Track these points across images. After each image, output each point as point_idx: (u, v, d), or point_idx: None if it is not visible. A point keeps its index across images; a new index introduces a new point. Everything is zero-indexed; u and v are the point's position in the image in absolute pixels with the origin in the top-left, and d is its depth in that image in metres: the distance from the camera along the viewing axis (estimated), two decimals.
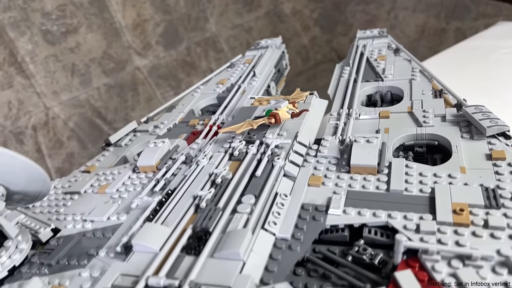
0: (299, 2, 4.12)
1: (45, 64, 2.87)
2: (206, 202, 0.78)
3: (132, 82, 3.29)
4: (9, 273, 0.78)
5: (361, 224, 0.72)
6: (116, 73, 3.21)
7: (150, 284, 0.63)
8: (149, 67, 3.38)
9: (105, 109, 3.12)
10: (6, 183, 0.82)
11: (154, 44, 3.39)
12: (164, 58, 3.45)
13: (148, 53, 3.36)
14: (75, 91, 3.01)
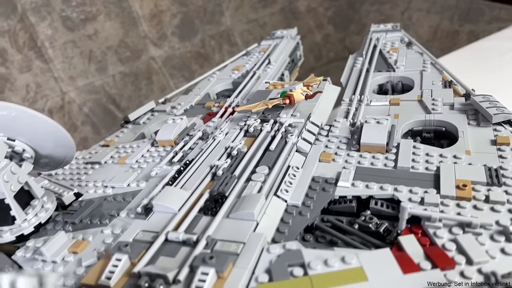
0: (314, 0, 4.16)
1: (64, 50, 2.93)
2: (222, 170, 0.83)
3: (146, 71, 3.35)
4: (35, 229, 0.84)
5: (368, 196, 0.77)
6: (131, 62, 3.27)
7: (170, 238, 0.68)
8: (164, 58, 3.44)
9: (120, 96, 3.19)
10: (35, 146, 0.87)
11: (169, 35, 3.45)
12: (179, 49, 3.51)
13: (164, 43, 3.42)
14: (91, 77, 3.08)
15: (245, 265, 0.61)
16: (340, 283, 0.56)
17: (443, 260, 0.59)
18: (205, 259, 0.60)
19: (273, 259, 0.62)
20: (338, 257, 0.60)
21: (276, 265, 0.61)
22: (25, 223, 0.83)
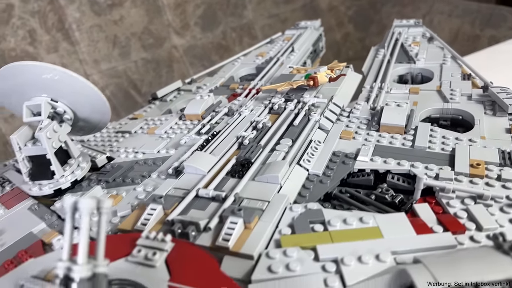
0: None
1: (90, 33, 3.02)
2: (248, 140, 0.88)
3: (168, 59, 3.42)
4: (71, 185, 0.90)
5: (385, 171, 0.81)
6: (154, 49, 3.34)
7: (200, 194, 0.73)
8: (186, 47, 3.50)
9: (141, 81, 3.26)
10: (75, 108, 0.94)
11: (192, 25, 3.51)
12: (201, 40, 3.57)
13: (186, 33, 3.48)
14: (114, 62, 3.16)
15: (269, 219, 0.66)
16: (357, 239, 0.61)
17: (454, 225, 0.63)
18: (234, 211, 0.65)
19: (295, 216, 0.67)
20: (356, 217, 0.65)
21: (298, 221, 0.66)
22: (62, 178, 0.89)
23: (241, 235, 0.63)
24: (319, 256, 0.58)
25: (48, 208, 0.85)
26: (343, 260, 0.57)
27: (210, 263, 0.55)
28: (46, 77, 0.89)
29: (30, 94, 0.91)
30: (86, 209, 0.45)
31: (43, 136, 0.85)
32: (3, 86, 0.94)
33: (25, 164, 0.88)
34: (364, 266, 0.56)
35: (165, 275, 0.54)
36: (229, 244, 0.61)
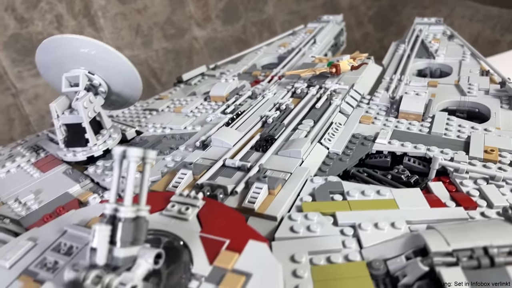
0: None
1: (114, 21, 3.09)
2: (272, 119, 0.93)
3: (188, 50, 3.48)
4: (103, 153, 0.95)
5: (402, 153, 0.85)
6: (175, 39, 3.40)
7: (227, 164, 0.78)
8: (206, 39, 3.56)
9: (161, 70, 3.32)
10: (109, 82, 0.99)
11: (213, 18, 3.56)
12: (221, 33, 3.62)
13: (207, 25, 3.54)
14: (136, 50, 3.22)
15: (292, 188, 0.70)
16: (374, 208, 0.65)
17: (466, 201, 0.67)
18: (259, 178, 0.70)
19: (316, 186, 0.72)
20: (373, 190, 0.69)
21: (319, 190, 0.70)
22: (95, 147, 0.95)
23: (265, 200, 0.68)
24: (338, 221, 0.63)
25: (82, 173, 0.91)
26: (361, 225, 0.61)
27: (238, 218, 0.60)
28: (83, 51, 0.95)
29: (69, 66, 0.96)
30: (133, 157, 0.50)
31: (80, 105, 0.91)
32: (45, 58, 1.00)
33: (62, 132, 0.94)
34: (380, 231, 0.61)
35: (197, 227, 0.59)
36: (254, 206, 0.66)
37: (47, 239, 0.61)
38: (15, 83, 2.86)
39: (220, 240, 0.56)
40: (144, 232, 0.51)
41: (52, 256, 0.58)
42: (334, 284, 0.53)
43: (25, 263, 0.58)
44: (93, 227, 0.49)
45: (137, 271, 0.48)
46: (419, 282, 0.51)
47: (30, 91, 2.96)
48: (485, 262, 0.50)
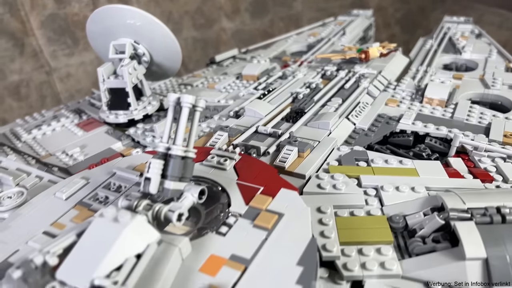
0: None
1: (147, 7, 3.17)
2: (302, 95, 0.98)
3: (216, 40, 3.55)
4: (143, 118, 1.02)
5: (424, 134, 0.90)
6: (204, 29, 3.48)
7: (259, 130, 0.84)
8: (234, 31, 3.63)
9: (188, 58, 3.40)
10: (151, 52, 1.06)
11: (242, 10, 3.63)
12: (249, 25, 3.68)
13: (236, 17, 3.61)
14: None
15: (319, 153, 0.76)
16: (396, 174, 0.70)
17: (483, 175, 0.72)
18: (290, 141, 0.76)
19: (342, 154, 0.77)
20: (396, 159, 0.74)
21: (345, 157, 0.76)
22: (136, 111, 1.02)
23: (295, 161, 0.74)
24: (362, 183, 0.68)
25: (123, 133, 0.98)
26: (383, 187, 0.67)
27: (271, 170, 0.66)
28: (130, 22, 1.02)
29: (116, 36, 1.04)
30: (186, 103, 0.57)
31: (125, 71, 0.98)
32: (94, 28, 1.07)
33: (106, 95, 1.02)
34: (400, 193, 0.66)
35: (234, 176, 0.65)
36: (285, 164, 0.72)
37: (98, 179, 0.68)
38: (50, 61, 2.97)
39: (255, 187, 0.62)
40: (190, 171, 0.58)
41: (103, 192, 0.65)
42: (356, 233, 0.59)
43: (79, 197, 0.65)
44: (148, 161, 0.55)
45: (184, 202, 0.55)
46: (435, 234, 0.57)
47: (62, 70, 3.07)
48: (497, 219, 0.55)
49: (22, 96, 2.97)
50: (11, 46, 2.82)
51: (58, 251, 0.49)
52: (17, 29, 2.80)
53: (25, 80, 2.94)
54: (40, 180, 0.77)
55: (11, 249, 0.56)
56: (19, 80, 2.93)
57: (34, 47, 2.91)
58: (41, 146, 0.97)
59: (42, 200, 0.65)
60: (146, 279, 0.45)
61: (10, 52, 2.81)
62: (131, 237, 0.48)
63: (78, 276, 0.45)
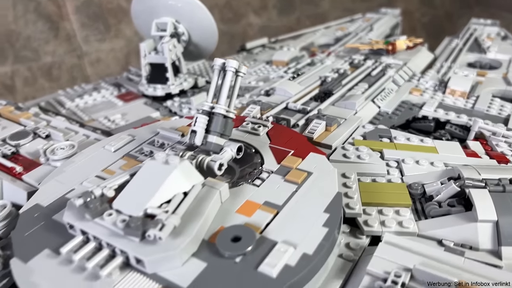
0: (413, 3, 4.22)
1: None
2: (330, 79, 1.04)
3: (242, 34, 3.62)
4: (179, 92, 1.09)
5: (445, 121, 0.94)
6: (231, 24, 3.55)
7: (289, 107, 0.90)
8: (260, 26, 3.69)
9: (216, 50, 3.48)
10: (190, 32, 1.13)
11: (270, 7, 3.69)
12: (275, 22, 3.74)
13: (263, 14, 3.67)
14: None
15: (345, 128, 0.82)
16: (417, 150, 0.75)
17: (500, 157, 0.76)
18: (319, 116, 0.81)
19: (366, 131, 0.82)
20: (417, 138, 0.79)
21: (369, 133, 0.81)
22: (173, 86, 1.09)
23: (322, 133, 0.80)
24: (384, 156, 0.74)
25: (161, 104, 1.05)
26: (404, 160, 0.72)
27: (300, 137, 0.72)
28: (171, 3, 1.09)
29: (158, 15, 1.11)
30: (231, 67, 0.63)
31: (165, 48, 1.05)
32: (138, 7, 1.15)
33: (146, 69, 1.09)
34: (420, 166, 0.71)
35: (267, 140, 0.71)
36: (313, 135, 0.77)
37: (143, 136, 0.75)
38: (82, 45, 3.08)
39: (286, 150, 0.68)
40: (230, 129, 0.64)
41: (148, 148, 0.72)
42: (377, 196, 0.64)
43: (126, 150, 0.72)
44: (194, 116, 0.62)
45: (224, 155, 0.61)
46: (450, 199, 0.62)
47: (93, 55, 3.17)
48: (510, 188, 0.60)
49: (54, 77, 3.08)
50: (47, 29, 2.94)
51: (113, 186, 0.56)
52: (53, 12, 2.92)
53: (57, 62, 3.06)
54: (87, 138, 0.84)
55: (67, 188, 0.63)
56: (52, 62, 3.04)
57: (68, 31, 3.02)
58: (84, 112, 1.05)
59: (92, 151, 0.72)
60: (191, 214, 0.52)
61: (46, 35, 2.93)
62: (179, 177, 0.54)
63: (133, 206, 0.51)
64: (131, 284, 0.46)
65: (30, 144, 0.82)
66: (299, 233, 0.50)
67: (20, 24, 2.86)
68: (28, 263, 0.50)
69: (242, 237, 0.49)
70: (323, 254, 0.49)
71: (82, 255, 0.48)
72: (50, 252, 0.51)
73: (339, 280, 0.53)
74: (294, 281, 0.45)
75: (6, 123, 0.90)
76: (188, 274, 0.46)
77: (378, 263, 0.51)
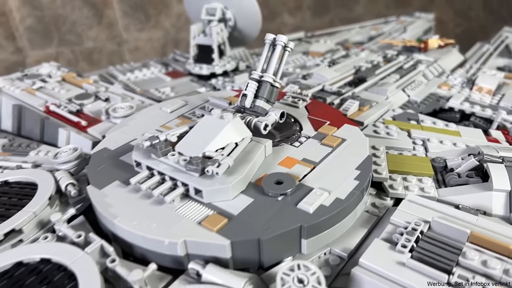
0: (447, 13, 4.23)
1: None
2: (365, 68, 1.11)
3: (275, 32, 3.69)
4: (222, 73, 1.19)
5: (471, 113, 1.00)
6: (266, 21, 3.63)
7: (325, 89, 0.98)
8: (293, 26, 3.77)
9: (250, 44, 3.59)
10: (237, 18, 1.22)
11: (304, 8, 3.77)
12: (308, 23, 3.82)
13: (297, 14, 3.75)
14: None
15: (377, 110, 0.89)
16: (441, 133, 0.82)
17: None
18: (353, 97, 0.89)
19: (396, 114, 0.90)
20: (443, 123, 0.86)
21: (398, 116, 0.88)
22: (217, 66, 1.18)
23: (355, 112, 0.87)
24: (411, 135, 0.81)
25: (206, 82, 1.14)
26: (429, 139, 0.79)
27: (336, 111, 0.80)
28: None
29: (209, 0, 1.20)
30: (280, 41, 0.71)
31: (213, 31, 1.15)
32: None
33: (194, 50, 1.19)
34: (443, 146, 0.78)
35: (305, 112, 0.79)
36: (347, 113, 0.85)
37: (194, 102, 0.84)
38: (122, 33, 3.22)
39: (322, 121, 0.76)
40: (275, 97, 0.73)
41: (199, 111, 0.81)
42: (403, 165, 0.71)
43: (180, 112, 0.81)
44: (246, 82, 0.71)
45: (269, 118, 0.70)
46: (469, 172, 0.69)
47: (132, 43, 3.31)
48: None
49: (94, 61, 3.23)
50: (92, 15, 3.09)
51: (175, 134, 0.65)
52: (99, 0, 3.07)
53: (98, 48, 3.21)
54: (142, 103, 0.94)
55: (130, 137, 0.72)
56: (93, 47, 3.19)
57: (110, 18, 3.17)
58: (136, 85, 1.15)
59: (150, 111, 0.82)
60: (241, 161, 0.60)
61: (90, 21, 3.08)
62: (232, 129, 0.63)
63: (193, 149, 0.60)
64: (189, 210, 0.55)
65: (92, 105, 0.93)
66: (333, 183, 0.58)
67: (67, 9, 3.02)
68: (102, 189, 0.59)
69: (284, 181, 0.58)
70: (353, 201, 0.57)
71: (149, 185, 0.57)
72: (120, 183, 0.60)
73: (365, 228, 0.61)
74: (327, 218, 0.53)
75: (70, 87, 1.01)
76: (238, 205, 0.55)
77: (401, 215, 0.58)
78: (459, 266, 0.50)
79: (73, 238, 0.54)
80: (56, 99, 0.94)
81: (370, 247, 0.53)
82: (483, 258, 0.50)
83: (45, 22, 3.05)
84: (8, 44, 3.00)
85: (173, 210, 0.55)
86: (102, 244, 0.52)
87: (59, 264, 0.50)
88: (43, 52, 3.06)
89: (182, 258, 0.51)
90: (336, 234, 0.57)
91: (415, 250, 0.52)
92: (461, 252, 0.51)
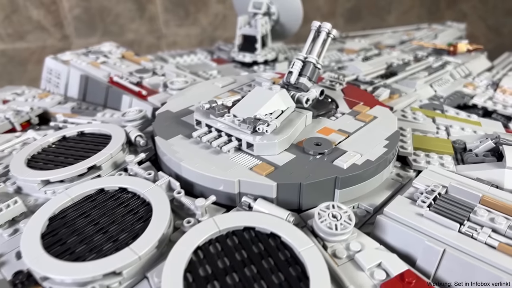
0: (480, 28, 4.25)
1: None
2: (396, 64, 1.20)
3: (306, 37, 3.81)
4: (263, 62, 1.29)
5: (493, 110, 1.08)
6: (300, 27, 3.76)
7: (359, 78, 1.07)
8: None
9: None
10: (280, 13, 1.33)
11: (338, 15, 3.86)
12: (341, 30, 3.90)
13: (330, 20, 3.82)
14: None
15: (405, 99, 0.98)
16: (463, 122, 0.91)
17: None
18: (384, 86, 0.98)
19: (422, 103, 0.99)
20: (465, 114, 0.95)
21: (425, 105, 0.97)
22: (259, 56, 1.29)
23: (386, 99, 0.97)
24: (436, 121, 0.90)
25: (248, 68, 1.25)
26: (452, 126, 0.88)
27: (369, 95, 0.89)
28: None
29: None
30: (325, 28, 0.81)
31: (258, 23, 1.26)
32: None
33: (239, 39, 1.30)
34: (464, 132, 0.87)
35: (341, 94, 0.89)
36: (378, 99, 0.94)
37: (242, 81, 0.95)
38: (162, 28, 3.37)
39: (356, 101, 0.86)
40: (317, 76, 0.82)
41: (247, 88, 0.91)
42: (426, 144, 0.80)
43: (230, 87, 0.92)
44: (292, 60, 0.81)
45: (310, 93, 0.80)
46: (486, 152, 0.77)
47: (170, 38, 3.46)
48: None
49: None
50: (135, 9, 3.25)
51: (230, 100, 0.75)
52: None
53: (138, 40, 3.36)
54: (194, 80, 1.05)
55: (188, 103, 0.84)
56: (133, 39, 3.35)
57: (152, 13, 3.32)
58: (185, 68, 1.27)
59: (204, 85, 0.93)
60: (285, 125, 0.70)
61: (133, 14, 3.24)
62: (279, 99, 0.73)
63: (245, 113, 0.71)
64: (242, 160, 0.65)
65: (150, 79, 1.05)
66: (365, 148, 0.68)
67: (113, 1, 3.19)
68: (168, 140, 0.70)
69: (322, 143, 0.68)
70: (382, 163, 0.66)
71: (208, 138, 0.68)
72: (183, 137, 0.71)
73: (389, 191, 0.70)
74: (358, 174, 0.63)
75: (129, 63, 1.14)
76: (282, 159, 0.65)
77: (422, 180, 0.67)
78: (469, 221, 0.59)
79: (145, 175, 0.65)
80: (118, 72, 1.06)
81: (393, 201, 0.62)
82: (491, 216, 0.59)
83: (91, 13, 3.22)
84: (56, 31, 3.18)
85: (228, 159, 0.65)
86: (170, 180, 0.63)
87: (134, 192, 0.62)
88: (87, 41, 3.23)
89: (235, 195, 0.62)
90: (365, 190, 0.66)
91: (433, 206, 0.61)
92: (472, 210, 0.60)
